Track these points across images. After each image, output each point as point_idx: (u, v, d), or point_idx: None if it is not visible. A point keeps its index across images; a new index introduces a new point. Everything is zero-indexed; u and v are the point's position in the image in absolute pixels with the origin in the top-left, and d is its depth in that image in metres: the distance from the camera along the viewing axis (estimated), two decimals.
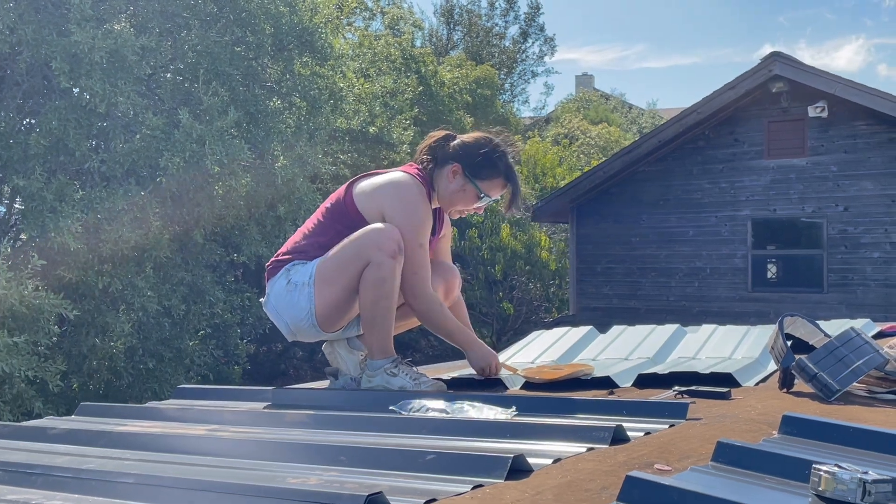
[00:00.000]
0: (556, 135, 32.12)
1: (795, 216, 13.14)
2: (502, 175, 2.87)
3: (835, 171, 12.64)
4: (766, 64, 12.67)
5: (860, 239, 12.45)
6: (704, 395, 2.31)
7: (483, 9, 37.49)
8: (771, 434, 1.78)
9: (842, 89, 12.13)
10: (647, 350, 3.22)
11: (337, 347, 2.82)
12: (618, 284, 14.79)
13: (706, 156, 13.85)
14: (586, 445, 1.61)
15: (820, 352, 2.30)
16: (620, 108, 39.64)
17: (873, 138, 12.37)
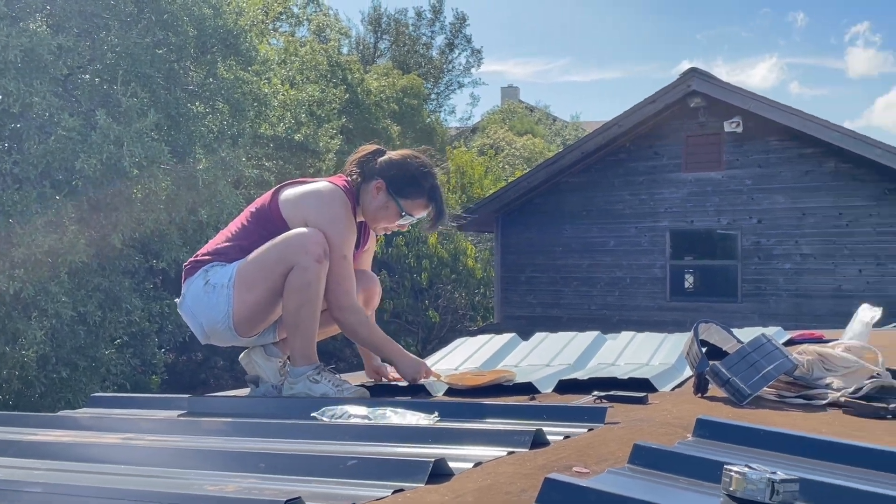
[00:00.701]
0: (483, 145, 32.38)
1: (712, 228, 13.54)
2: (426, 195, 2.87)
3: (749, 184, 13.08)
4: (685, 79, 13.04)
5: (773, 250, 12.90)
6: (622, 399, 2.36)
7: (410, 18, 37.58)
8: (685, 437, 1.82)
9: (756, 105, 12.57)
10: (568, 357, 3.27)
11: (253, 355, 2.78)
12: (541, 293, 14.98)
13: (627, 168, 14.16)
14: (507, 449, 1.63)
15: (733, 357, 2.37)
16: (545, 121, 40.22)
17: (785, 153, 12.84)
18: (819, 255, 12.53)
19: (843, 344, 2.55)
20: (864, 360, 2.44)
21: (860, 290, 11.97)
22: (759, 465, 1.41)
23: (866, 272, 12.17)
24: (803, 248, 12.66)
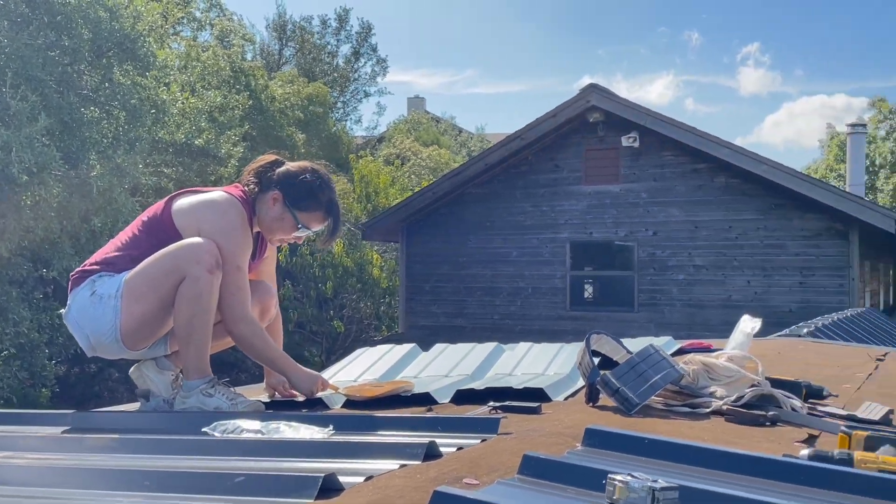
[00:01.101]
0: (389, 155, 32.40)
1: (610, 239, 13.91)
2: (323, 208, 2.85)
3: (645, 197, 13.50)
4: (584, 95, 13.39)
5: (667, 262, 13.35)
6: (517, 409, 2.39)
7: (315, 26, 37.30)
8: (575, 446, 1.87)
9: (651, 121, 13.01)
10: (466, 367, 3.30)
11: (144, 369, 2.70)
12: (445, 303, 15.07)
13: (529, 180, 14.42)
14: (399, 462, 1.64)
15: (622, 367, 2.44)
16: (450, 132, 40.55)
17: (679, 168, 13.33)
18: (711, 266, 13.03)
19: (726, 354, 2.66)
20: (745, 370, 2.55)
21: (748, 301, 12.51)
22: (642, 474, 1.46)
23: (754, 283, 12.73)
24: (696, 259, 13.14)
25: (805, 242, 12.39)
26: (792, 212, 12.47)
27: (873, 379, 3.48)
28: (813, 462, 1.77)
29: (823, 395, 2.78)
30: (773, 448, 2.03)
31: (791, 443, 2.11)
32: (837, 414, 2.49)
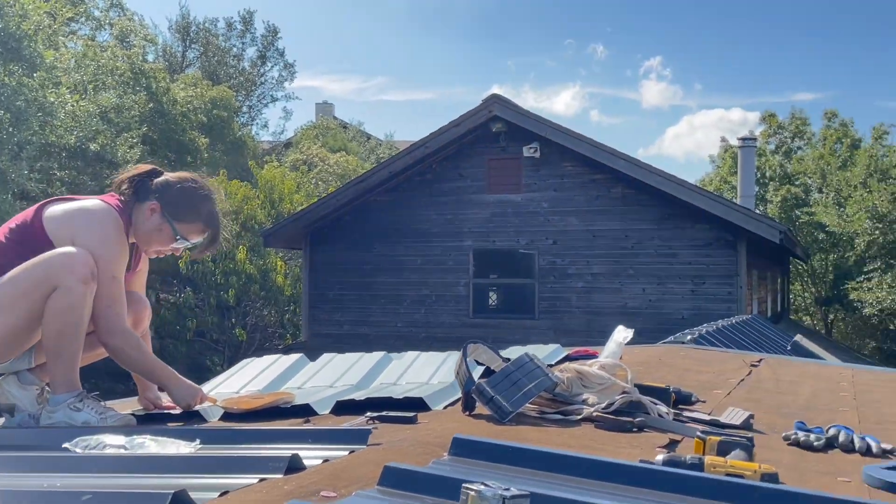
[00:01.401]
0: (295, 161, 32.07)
1: (512, 248, 14.11)
2: (202, 220, 2.81)
3: (546, 207, 13.77)
4: (487, 105, 13.57)
5: (566, 270, 13.63)
6: (393, 419, 2.41)
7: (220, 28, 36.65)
8: (442, 456, 1.89)
9: (551, 132, 13.28)
10: (352, 377, 3.30)
11: (5, 384, 2.59)
12: (349, 311, 14.99)
13: (434, 188, 14.51)
14: (259, 476, 1.63)
15: (497, 376, 2.49)
16: (359, 138, 40.43)
17: (578, 178, 13.64)
18: (608, 274, 13.38)
19: (599, 362, 2.75)
20: (616, 378, 2.64)
21: (643, 308, 12.90)
22: (495, 482, 1.50)
23: (649, 291, 13.13)
24: (594, 267, 13.47)
25: (697, 252, 12.86)
26: (684, 222, 12.92)
27: (744, 384, 3.64)
28: (666, 467, 1.84)
29: (692, 400, 2.90)
30: (635, 453, 2.10)
31: (653, 448, 2.19)
32: (701, 419, 2.59)
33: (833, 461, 2.17)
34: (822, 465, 2.12)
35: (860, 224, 22.35)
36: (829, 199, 27.05)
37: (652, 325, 11.86)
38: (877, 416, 2.95)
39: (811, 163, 30.25)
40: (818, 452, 2.26)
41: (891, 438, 2.48)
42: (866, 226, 21.99)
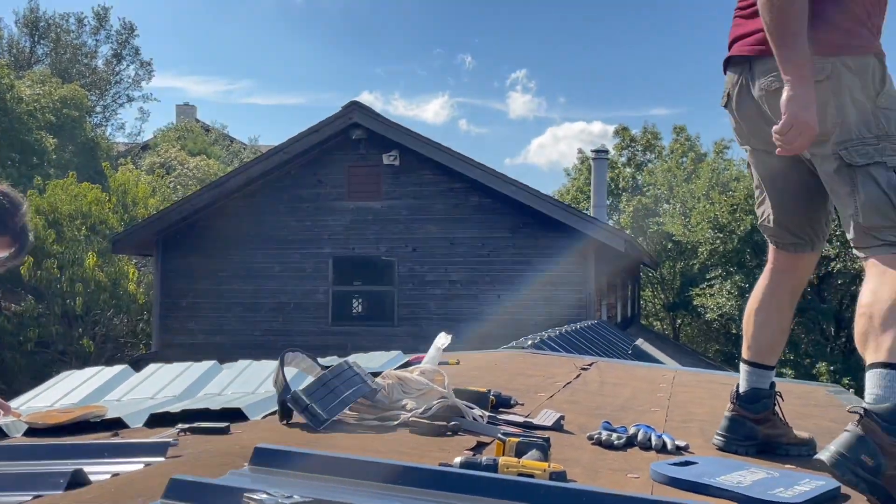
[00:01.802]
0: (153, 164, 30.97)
1: (372, 255, 14.13)
2: (10, 233, 2.67)
3: (405, 214, 13.86)
4: (347, 112, 13.55)
5: (425, 277, 13.77)
6: (205, 431, 2.37)
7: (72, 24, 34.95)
8: (243, 466, 1.88)
9: (411, 141, 13.40)
10: (175, 388, 3.22)
11: None
12: (204, 319, 14.58)
13: (293, 194, 14.33)
14: (35, 493, 1.57)
15: (314, 384, 2.50)
16: (222, 141, 39.47)
17: (437, 187, 13.81)
18: (465, 281, 13.60)
19: (419, 368, 2.80)
20: (434, 383, 2.70)
21: (499, 314, 13.19)
22: (279, 491, 1.50)
23: (504, 298, 13.43)
24: (452, 275, 13.67)
25: (549, 259, 13.27)
26: (538, 230, 13.31)
27: (570, 387, 3.78)
28: (461, 469, 1.90)
29: (511, 404, 2.99)
30: (443, 456, 2.15)
31: (462, 451, 2.25)
32: (515, 422, 2.68)
33: (629, 459, 2.29)
34: (617, 463, 2.23)
35: (703, 233, 23.68)
36: (676, 210, 28.52)
37: (507, 331, 12.12)
38: (683, 415, 3.13)
39: (660, 175, 31.81)
40: (617, 451, 2.38)
41: (691, 436, 2.65)
42: (708, 235, 23.31)
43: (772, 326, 2.43)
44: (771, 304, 2.43)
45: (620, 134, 35.06)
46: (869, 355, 1.88)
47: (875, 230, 2.01)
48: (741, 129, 2.33)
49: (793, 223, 2.38)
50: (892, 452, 1.76)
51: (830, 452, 1.78)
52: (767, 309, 2.43)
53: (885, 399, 1.80)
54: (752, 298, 2.48)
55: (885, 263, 1.99)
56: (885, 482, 1.75)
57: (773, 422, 2.45)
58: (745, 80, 2.23)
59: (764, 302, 2.44)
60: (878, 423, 1.77)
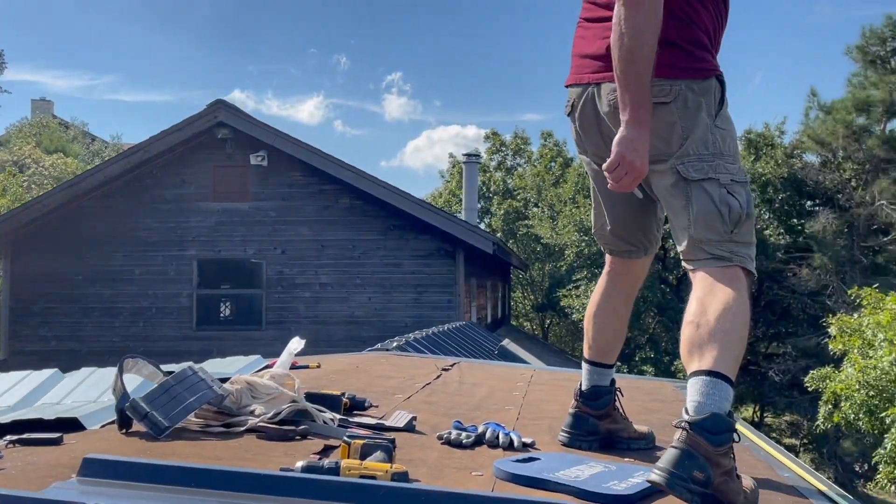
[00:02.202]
0: (4, 161, 29.24)
1: (239, 257, 13.81)
2: None
3: (274, 216, 13.63)
4: (212, 110, 13.19)
5: (295, 279, 13.57)
6: (36, 442, 2.25)
7: None
8: (70, 478, 1.79)
9: (280, 141, 13.19)
10: (10, 398, 3.04)
11: None
12: (58, 325, 13.86)
13: (154, 195, 13.83)
14: None
15: (155, 391, 2.40)
16: (82, 139, 37.70)
17: (307, 188, 13.65)
18: (335, 284, 13.50)
19: (269, 372, 2.75)
20: (285, 387, 2.65)
21: (369, 317, 13.16)
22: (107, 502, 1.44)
23: (374, 300, 13.42)
24: (322, 277, 13.53)
25: (419, 261, 13.35)
26: (408, 233, 13.37)
27: (428, 388, 3.80)
28: (303, 473, 1.87)
29: (365, 406, 2.98)
30: (289, 461, 2.11)
31: (309, 455, 2.22)
32: (368, 424, 2.67)
33: (476, 457, 2.32)
34: (463, 462, 2.25)
35: (570, 236, 24.41)
36: (545, 213, 29.29)
37: (377, 333, 12.13)
38: (535, 413, 3.20)
39: (530, 179, 32.59)
40: (465, 450, 2.41)
41: (540, 433, 2.71)
42: (575, 238, 24.04)
43: (610, 327, 2.52)
44: (609, 307, 2.52)
45: (491, 138, 35.68)
46: (693, 364, 1.93)
47: (705, 243, 2.08)
48: (580, 139, 2.38)
49: (626, 232, 2.45)
50: (717, 461, 1.82)
51: (661, 473, 1.81)
52: (605, 311, 2.51)
53: (706, 406, 1.86)
54: (592, 302, 2.56)
55: (713, 276, 2.06)
56: (715, 490, 1.81)
57: (614, 417, 2.54)
58: (592, 93, 2.26)
59: (602, 305, 2.52)
60: (701, 436, 1.82)
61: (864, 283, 12.18)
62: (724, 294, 2.01)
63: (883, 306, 9.55)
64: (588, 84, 2.26)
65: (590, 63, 2.27)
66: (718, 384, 1.89)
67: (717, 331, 1.94)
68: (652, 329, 23.54)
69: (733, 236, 2.08)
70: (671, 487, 1.79)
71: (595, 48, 2.25)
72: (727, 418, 1.87)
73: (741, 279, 2.07)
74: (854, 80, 22.14)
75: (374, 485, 1.76)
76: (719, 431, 1.83)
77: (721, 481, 1.82)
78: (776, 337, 23.29)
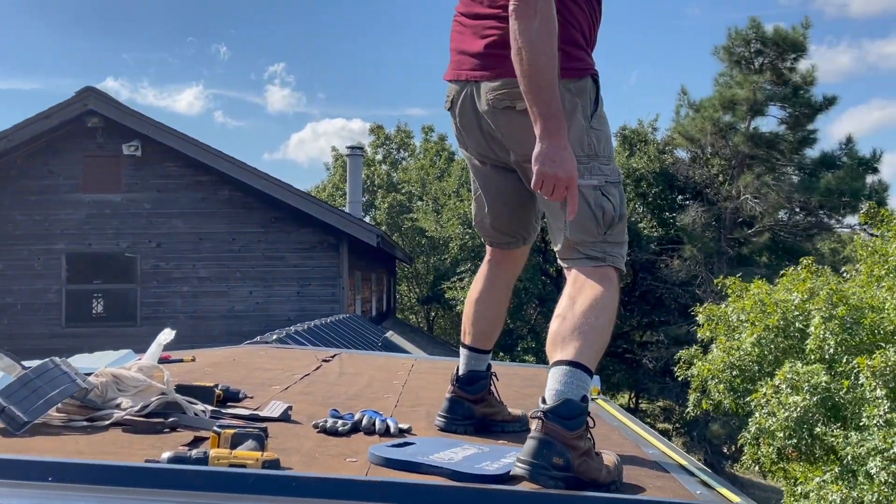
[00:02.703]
0: None
1: (112, 251, 13.27)
2: None
3: (149, 208, 13.16)
4: (81, 98, 12.62)
5: (171, 274, 13.15)
6: None
7: None
8: None
9: (154, 131, 12.74)
10: None
11: None
12: None
13: (19, 186, 13.12)
14: None
15: (13, 385, 2.29)
16: None
17: (184, 179, 13.24)
18: (215, 278, 13.16)
19: (137, 364, 2.66)
20: (153, 379, 2.57)
21: (251, 311, 12.90)
22: None
23: (256, 293, 13.17)
24: (200, 271, 13.17)
25: (302, 254, 13.19)
26: (291, 225, 13.17)
27: (307, 379, 3.76)
28: (169, 465, 1.82)
29: (240, 397, 2.92)
30: (155, 454, 2.05)
31: (177, 447, 2.16)
32: (242, 415, 2.62)
33: (351, 444, 2.32)
34: (338, 449, 2.24)
35: (454, 229, 24.64)
36: (429, 207, 29.46)
37: (258, 327, 11.90)
38: (414, 400, 3.23)
39: (414, 173, 32.69)
40: (342, 437, 2.40)
41: (417, 419, 2.73)
42: (459, 231, 24.29)
43: (489, 314, 2.56)
44: (489, 295, 2.56)
45: (375, 132, 35.59)
46: (555, 354, 1.99)
47: (579, 244, 2.14)
48: (461, 134, 2.39)
49: (506, 225, 2.49)
50: (574, 445, 1.87)
51: (524, 466, 1.85)
52: (486, 299, 2.55)
53: (562, 394, 1.91)
54: (472, 289, 2.59)
55: (585, 275, 2.12)
56: (576, 472, 1.87)
57: (489, 401, 2.58)
58: (471, 91, 2.25)
59: (483, 293, 2.56)
60: (556, 422, 1.87)
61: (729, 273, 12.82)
62: (594, 291, 2.07)
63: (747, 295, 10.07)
64: (467, 81, 2.25)
65: (468, 60, 2.26)
66: (577, 373, 1.94)
67: (583, 325, 2.00)
68: (533, 319, 24.05)
69: (606, 237, 2.14)
70: (534, 479, 1.84)
71: (473, 46, 2.24)
72: (580, 403, 1.92)
73: (611, 278, 2.14)
74: (721, 80, 23.22)
75: (244, 473, 1.73)
76: (573, 416, 1.89)
77: (580, 462, 1.88)
78: (650, 326, 24.23)
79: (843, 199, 21.31)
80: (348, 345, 8.03)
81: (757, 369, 9.15)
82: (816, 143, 23.07)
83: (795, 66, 22.33)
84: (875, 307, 8.63)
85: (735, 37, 22.61)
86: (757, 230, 22.45)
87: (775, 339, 9.13)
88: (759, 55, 22.40)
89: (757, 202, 21.80)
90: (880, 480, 6.93)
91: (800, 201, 22.13)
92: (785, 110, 22.55)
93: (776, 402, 7.99)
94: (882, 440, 6.98)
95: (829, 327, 8.25)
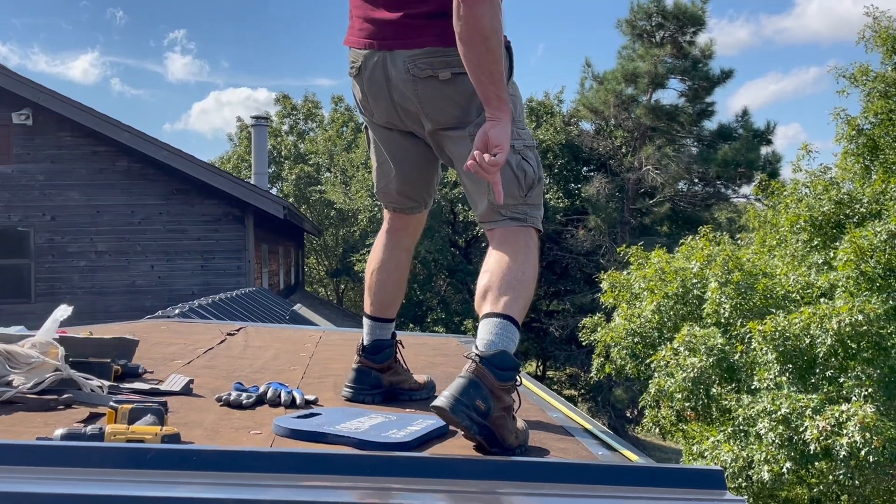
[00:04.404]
0: None
1: (2, 225, 12.66)
2: None
3: (42, 180, 12.60)
4: None
5: (67, 248, 12.65)
6: None
7: None
8: None
9: (45, 99, 12.16)
10: None
11: None
12: None
13: None
14: None
15: None
16: None
17: (79, 150, 12.71)
18: (114, 252, 12.73)
19: (30, 341, 2.55)
20: (48, 356, 2.47)
21: (152, 285, 12.55)
22: None
23: (158, 268, 12.80)
24: (98, 245, 12.71)
25: (206, 227, 12.87)
26: (194, 197, 12.83)
27: (211, 353, 3.69)
28: (63, 442, 1.76)
29: (139, 372, 2.85)
30: (47, 431, 1.98)
31: (72, 423, 2.09)
32: (141, 389, 2.55)
33: (255, 416, 2.28)
34: (242, 422, 2.21)
35: (362, 201, 24.49)
36: (337, 179, 29.16)
37: (161, 302, 11.59)
38: (321, 372, 3.20)
39: (321, 144, 32.25)
40: (246, 410, 2.36)
41: (324, 390, 2.71)
42: (367, 203, 24.15)
43: (391, 282, 2.55)
44: (390, 263, 2.55)
45: (282, 102, 34.91)
46: (485, 307, 2.04)
47: (503, 207, 2.17)
48: (367, 101, 2.36)
49: (411, 190, 2.50)
50: (499, 396, 1.90)
51: (446, 398, 1.87)
52: (387, 267, 2.55)
53: (496, 345, 1.95)
54: (372, 258, 2.58)
55: (510, 234, 2.18)
56: (492, 423, 1.89)
57: (396, 369, 2.58)
58: (383, 59, 2.22)
59: (383, 261, 2.55)
60: (489, 369, 1.90)
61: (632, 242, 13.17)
62: (519, 249, 2.14)
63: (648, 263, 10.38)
64: (379, 49, 2.22)
65: (382, 27, 2.22)
66: (508, 326, 1.99)
67: (511, 279, 2.06)
68: (443, 291, 24.20)
69: (527, 199, 2.19)
70: (454, 413, 1.85)
71: (387, 14, 2.20)
72: (514, 358, 1.97)
73: (533, 237, 2.21)
74: (623, 53, 23.68)
75: (142, 448, 1.68)
76: (505, 368, 1.92)
77: (499, 416, 1.90)
78: (556, 295, 24.72)
79: (738, 169, 22.12)
80: (254, 318, 7.91)
81: (657, 336, 9.46)
82: (714, 115, 23.87)
83: (695, 40, 22.96)
84: (768, 273, 9.02)
85: (637, 10, 23.05)
86: (658, 200, 23.11)
87: (674, 306, 9.45)
88: (661, 28, 22.91)
89: (658, 173, 22.41)
90: (768, 441, 7.30)
91: (698, 172, 22.86)
92: (685, 83, 23.19)
93: (675, 364, 8.30)
94: (771, 402, 7.34)
95: (725, 291, 8.60)
